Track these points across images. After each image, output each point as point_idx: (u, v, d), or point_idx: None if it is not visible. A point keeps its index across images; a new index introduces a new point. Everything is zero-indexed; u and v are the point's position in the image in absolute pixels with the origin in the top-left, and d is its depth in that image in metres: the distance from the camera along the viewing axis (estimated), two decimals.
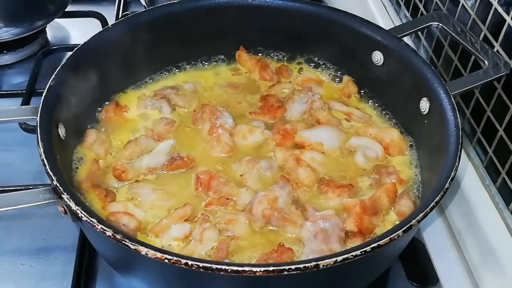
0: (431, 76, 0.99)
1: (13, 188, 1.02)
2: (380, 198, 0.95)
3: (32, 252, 1.01)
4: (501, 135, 0.99)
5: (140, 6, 1.51)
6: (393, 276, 1.00)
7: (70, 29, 1.55)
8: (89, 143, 1.01)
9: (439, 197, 0.81)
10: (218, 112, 1.07)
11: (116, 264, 0.90)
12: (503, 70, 0.96)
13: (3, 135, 1.19)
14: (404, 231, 0.77)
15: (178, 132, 1.08)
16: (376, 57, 1.11)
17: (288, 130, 1.05)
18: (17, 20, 1.34)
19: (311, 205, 0.95)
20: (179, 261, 0.71)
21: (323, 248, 0.86)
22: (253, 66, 1.21)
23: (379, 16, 1.44)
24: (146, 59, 1.15)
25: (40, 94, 0.94)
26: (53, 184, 0.80)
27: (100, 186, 0.96)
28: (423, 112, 1.01)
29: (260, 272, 0.71)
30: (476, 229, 0.99)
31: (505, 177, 0.98)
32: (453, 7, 1.13)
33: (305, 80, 1.19)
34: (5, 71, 1.41)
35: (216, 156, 1.03)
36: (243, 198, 0.95)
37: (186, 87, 1.15)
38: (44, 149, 0.84)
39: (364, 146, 1.05)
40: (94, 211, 0.78)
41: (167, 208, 0.94)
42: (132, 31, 1.10)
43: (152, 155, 1.01)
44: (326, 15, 1.14)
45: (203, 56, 1.22)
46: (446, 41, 1.17)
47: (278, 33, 1.20)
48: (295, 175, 0.99)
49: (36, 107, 0.90)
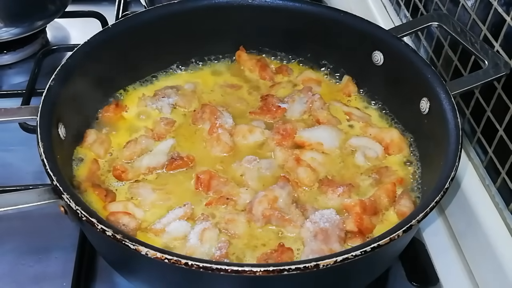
0: (431, 76, 0.99)
1: (13, 188, 1.02)
2: (380, 198, 0.95)
3: (32, 252, 1.01)
4: (501, 135, 0.99)
5: (140, 6, 1.51)
6: (393, 276, 1.00)
7: (70, 29, 1.55)
8: (89, 143, 1.01)
9: (439, 197, 0.81)
10: (218, 112, 1.07)
11: (116, 264, 0.90)
12: (503, 70, 0.96)
13: (3, 135, 1.19)
14: (404, 231, 0.77)
15: (178, 132, 1.08)
16: (376, 57, 1.11)
17: (288, 130, 1.05)
18: (17, 20, 1.35)
19: (311, 205, 0.95)
20: (179, 261, 0.71)
21: (323, 248, 0.86)
22: (253, 66, 1.21)
23: (379, 16, 1.45)
24: (146, 59, 1.15)
25: (40, 94, 0.94)
26: (53, 184, 0.80)
27: (100, 186, 0.96)
28: (423, 112, 1.01)
29: (260, 272, 0.71)
30: (476, 229, 0.99)
31: (505, 177, 0.98)
32: (453, 7, 1.13)
33: (305, 80, 1.19)
34: (5, 71, 1.41)
35: (216, 156, 1.03)
36: (243, 198, 0.95)
37: (186, 87, 1.16)
38: (44, 149, 0.84)
39: (364, 146, 1.05)
40: (94, 211, 0.78)
41: (167, 207, 0.94)
42: (132, 31, 1.10)
43: (152, 155, 1.01)
44: (326, 15, 1.14)
45: (203, 56, 1.22)
46: (446, 41, 1.17)
47: (278, 33, 1.20)
48: (295, 175, 0.99)
49: (36, 107, 0.90)
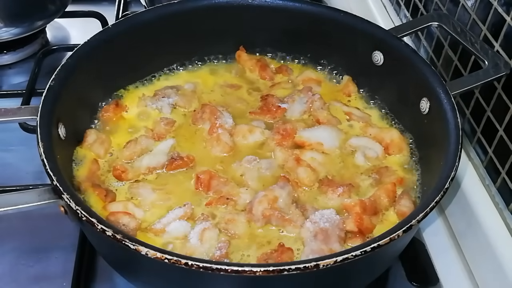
0: (431, 76, 0.99)
1: (13, 188, 1.02)
2: (380, 198, 0.95)
3: (32, 252, 1.01)
4: (501, 135, 0.99)
5: (140, 6, 1.51)
6: (393, 276, 1.00)
7: (70, 29, 1.55)
8: (89, 143, 1.01)
9: (439, 197, 0.81)
10: (218, 112, 1.07)
11: (116, 264, 0.90)
12: (503, 70, 0.96)
13: (3, 135, 1.19)
14: (404, 231, 0.77)
15: (178, 132, 1.08)
16: (376, 57, 1.11)
17: (288, 130, 1.05)
18: (17, 20, 1.35)
19: (311, 205, 0.95)
20: (179, 261, 0.71)
21: (323, 248, 0.86)
22: (253, 66, 1.21)
23: (379, 16, 1.45)
24: (146, 59, 1.15)
25: (40, 94, 0.94)
26: (53, 184, 0.80)
27: (100, 186, 0.96)
28: (423, 112, 1.01)
29: (260, 272, 0.71)
30: (476, 229, 0.99)
31: (505, 177, 0.98)
32: (453, 7, 1.13)
33: (305, 80, 1.19)
34: (5, 71, 1.41)
35: (216, 156, 1.03)
36: (243, 198, 0.95)
37: (186, 87, 1.15)
38: (44, 149, 0.84)
39: (364, 146, 1.05)
40: (94, 211, 0.78)
41: (167, 208, 0.94)
42: (132, 31, 1.10)
43: (152, 155, 1.01)
44: (326, 15, 1.14)
45: (203, 56, 1.22)
46: (446, 41, 1.17)
47: (278, 33, 1.20)
48: (295, 175, 0.99)
49: (36, 107, 0.90)
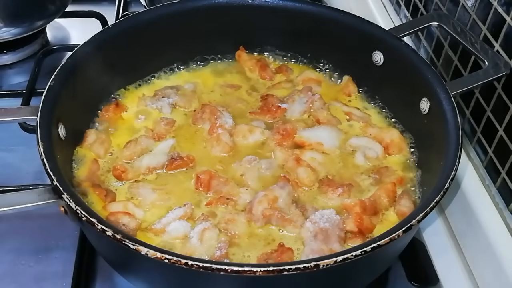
0: (431, 76, 0.99)
1: (13, 188, 1.02)
2: (380, 198, 0.95)
3: (32, 252, 1.01)
4: (501, 135, 0.99)
5: (140, 6, 1.51)
6: (393, 276, 1.00)
7: (70, 29, 1.55)
8: (89, 143, 1.01)
9: (439, 197, 0.81)
10: (218, 112, 1.07)
11: (116, 264, 0.90)
12: (503, 70, 0.96)
13: (3, 135, 1.19)
14: (404, 231, 0.77)
15: (178, 132, 1.08)
16: (376, 57, 1.11)
17: (288, 130, 1.05)
18: (17, 20, 1.35)
19: (311, 205, 0.95)
20: (179, 261, 0.71)
21: (323, 248, 0.86)
22: (253, 66, 1.21)
23: (379, 16, 1.45)
24: (146, 59, 1.15)
25: (40, 94, 0.94)
26: (53, 184, 0.80)
27: (100, 186, 0.96)
28: (423, 112, 1.01)
29: (260, 272, 0.71)
30: (476, 229, 0.99)
31: (505, 177, 0.98)
32: (453, 7, 1.13)
33: (305, 80, 1.19)
34: (5, 71, 1.41)
35: (216, 156, 1.03)
36: (243, 198, 0.95)
37: (186, 87, 1.15)
38: (44, 149, 0.84)
39: (364, 146, 1.05)
40: (94, 211, 0.78)
41: (167, 207, 0.94)
42: (132, 31, 1.10)
43: (152, 155, 1.01)
44: (326, 15, 1.14)
45: (203, 56, 1.22)
46: (446, 41, 1.17)
47: (278, 33, 1.20)
48: (295, 175, 0.99)
49: (36, 107, 0.90)
